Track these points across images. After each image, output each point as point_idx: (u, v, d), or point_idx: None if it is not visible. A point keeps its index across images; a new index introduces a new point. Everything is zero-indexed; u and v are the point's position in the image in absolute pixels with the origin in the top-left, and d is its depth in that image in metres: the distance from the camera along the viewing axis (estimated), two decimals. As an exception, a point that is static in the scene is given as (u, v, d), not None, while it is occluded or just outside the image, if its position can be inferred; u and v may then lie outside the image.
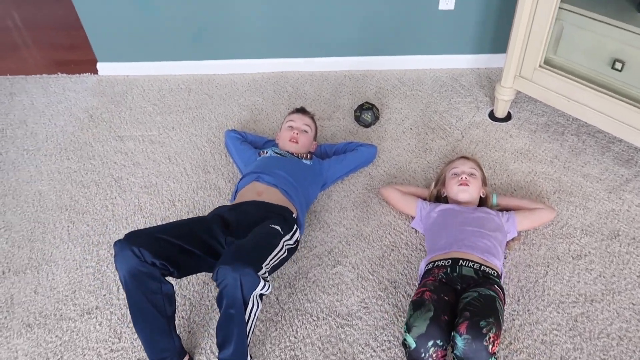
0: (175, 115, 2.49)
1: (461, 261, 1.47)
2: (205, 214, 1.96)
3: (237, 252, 1.34)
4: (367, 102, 2.31)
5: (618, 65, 1.85)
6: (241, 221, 1.60)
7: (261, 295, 1.36)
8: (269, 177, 1.77)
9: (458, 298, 1.38)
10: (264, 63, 2.73)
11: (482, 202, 1.81)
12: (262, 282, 1.31)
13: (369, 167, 2.12)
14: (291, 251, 1.61)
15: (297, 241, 1.65)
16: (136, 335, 1.56)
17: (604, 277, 1.66)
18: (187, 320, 1.63)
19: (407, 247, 1.80)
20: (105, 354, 1.56)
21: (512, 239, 1.76)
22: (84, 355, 1.56)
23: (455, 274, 1.44)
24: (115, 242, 1.38)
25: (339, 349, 1.53)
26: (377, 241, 1.83)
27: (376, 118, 2.31)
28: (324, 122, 2.38)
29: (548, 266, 1.70)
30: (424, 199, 1.89)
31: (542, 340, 1.51)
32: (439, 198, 1.88)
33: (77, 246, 1.89)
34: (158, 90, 2.68)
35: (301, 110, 2.11)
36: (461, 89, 2.52)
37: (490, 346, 1.15)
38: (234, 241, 1.52)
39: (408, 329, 1.24)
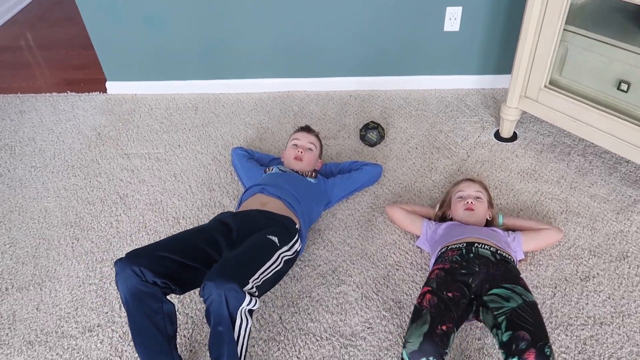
0: (182, 134, 2.51)
1: (477, 243, 1.45)
2: (210, 231, 1.96)
3: (222, 267, 1.33)
4: (372, 122, 2.32)
5: (624, 87, 1.85)
6: (243, 227, 1.60)
7: (250, 311, 1.34)
8: (273, 189, 1.77)
9: (473, 288, 1.35)
10: (270, 83, 2.75)
11: (488, 224, 1.79)
12: (247, 298, 1.29)
13: (374, 186, 2.11)
14: (289, 262, 1.59)
15: (296, 252, 1.64)
16: (137, 354, 1.54)
17: (613, 299, 1.63)
18: (188, 339, 1.61)
19: (412, 267, 1.78)
20: (106, 372, 1.54)
21: (519, 261, 1.73)
22: (84, 373, 1.54)
23: (472, 254, 1.42)
24: (116, 261, 1.37)
25: (343, 371, 1.50)
26: (382, 260, 1.81)
27: (381, 137, 2.32)
28: (329, 140, 2.39)
29: (555, 287, 1.68)
30: (429, 219, 1.88)
31: (550, 363, 1.48)
32: (444, 219, 1.86)
33: (81, 263, 1.89)
34: (165, 109, 2.70)
35: (306, 129, 2.12)
36: (466, 109, 2.52)
37: None
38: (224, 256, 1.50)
39: (404, 344, 1.22)
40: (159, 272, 1.36)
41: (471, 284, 1.37)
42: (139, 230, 2.00)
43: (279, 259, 1.50)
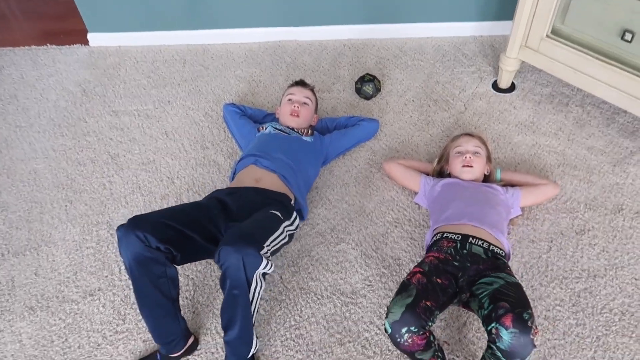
0: (171, 88, 2.43)
1: (471, 238, 1.45)
2: (205, 191, 1.94)
3: (238, 233, 1.32)
4: (368, 74, 2.25)
5: (628, 36, 1.79)
6: (241, 206, 1.57)
7: (264, 274, 1.35)
8: (267, 162, 1.73)
9: (461, 281, 1.37)
10: (260, 32, 2.64)
11: (486, 178, 1.79)
12: (264, 261, 1.30)
13: (370, 142, 2.08)
14: (292, 236, 1.60)
15: (297, 226, 1.64)
16: (140, 317, 1.56)
17: (607, 252, 1.66)
18: (190, 300, 1.63)
19: (410, 224, 1.79)
20: (110, 335, 1.56)
21: (516, 217, 1.75)
22: (89, 337, 1.56)
23: (465, 251, 1.42)
24: (119, 227, 1.35)
25: (344, 327, 1.54)
26: (380, 218, 1.82)
27: (377, 90, 2.26)
28: (324, 94, 2.33)
29: (551, 242, 1.70)
30: (427, 174, 1.87)
31: (545, 316, 1.52)
32: (442, 174, 1.85)
33: (76, 226, 1.87)
34: (152, 62, 2.59)
35: (301, 83, 2.05)
36: (464, 58, 2.45)
37: (535, 338, 1.16)
38: (234, 225, 1.49)
39: (386, 314, 1.24)
40: (162, 238, 1.34)
41: (460, 277, 1.38)
42: (133, 192, 1.97)
43: (284, 232, 1.50)
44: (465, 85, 2.30)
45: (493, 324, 1.18)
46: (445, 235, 1.49)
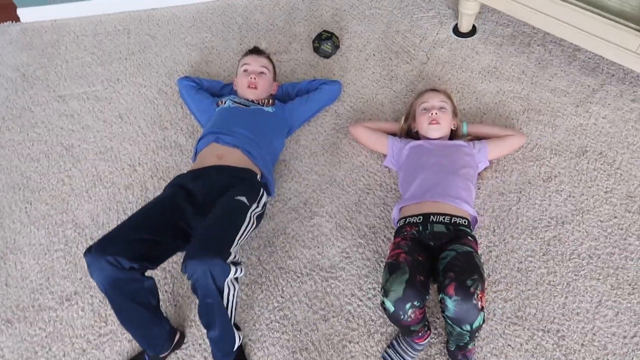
0: (118, 64, 2.28)
1: (432, 217, 1.46)
2: (170, 175, 1.88)
3: (202, 241, 1.29)
4: (325, 31, 2.15)
5: (587, -29, 1.73)
6: (206, 192, 1.52)
7: (236, 279, 1.33)
8: (229, 137, 1.67)
9: (432, 256, 1.39)
10: (205, -9, 2.46)
11: (453, 133, 1.78)
12: (232, 269, 1.27)
13: (334, 105, 2.02)
14: (260, 217, 1.57)
15: (264, 205, 1.61)
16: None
17: (573, 197, 1.70)
18: (171, 294, 1.62)
19: (381, 189, 1.79)
20: (94, 339, 1.55)
21: (484, 169, 1.76)
22: (73, 343, 1.55)
23: (427, 231, 1.44)
24: (86, 252, 1.30)
25: (327, 303, 1.56)
26: (351, 185, 1.80)
27: (336, 47, 2.16)
28: (281, 55, 2.22)
29: (520, 192, 1.73)
30: (395, 134, 1.85)
31: (517, 268, 1.58)
32: (410, 133, 1.83)
33: (40, 229, 1.80)
34: (93, 35, 2.41)
35: (255, 51, 1.95)
36: (422, 1, 2.35)
37: (479, 303, 1.19)
38: (200, 221, 1.44)
39: (385, 293, 1.26)
40: (134, 256, 1.30)
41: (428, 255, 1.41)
42: (94, 185, 1.90)
43: (252, 219, 1.46)
44: (426, 32, 2.23)
45: (441, 295, 1.22)
46: (407, 220, 1.50)
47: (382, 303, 1.27)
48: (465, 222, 1.47)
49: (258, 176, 1.65)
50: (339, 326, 1.52)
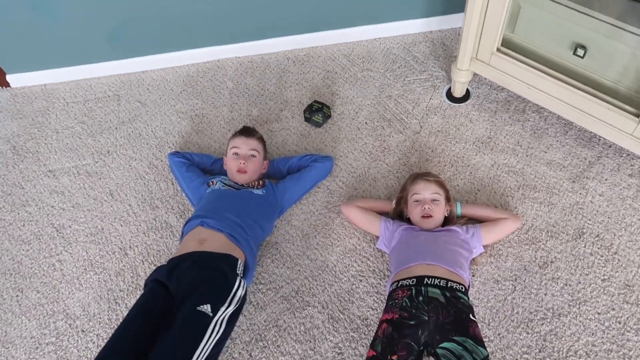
0: (108, 135, 2.26)
1: (426, 279, 1.42)
2: (161, 259, 1.87)
3: None
4: (315, 102, 2.12)
5: (580, 52, 1.70)
6: (180, 289, 1.49)
7: None
8: (214, 221, 1.65)
9: (421, 339, 1.34)
10: (196, 53, 2.43)
11: (446, 220, 1.75)
12: None
13: (327, 181, 1.99)
14: (234, 316, 1.51)
15: (241, 298, 1.54)
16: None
17: (569, 285, 1.67)
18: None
19: (374, 275, 1.76)
20: None
21: (479, 254, 1.73)
22: None
23: (421, 297, 1.39)
24: None
25: (319, 405, 1.54)
26: (344, 272, 1.78)
27: (327, 117, 2.14)
28: (273, 124, 2.19)
29: (516, 280, 1.70)
30: (387, 213, 1.82)
31: (513, 366, 1.55)
32: (402, 216, 1.80)
33: (32, 319, 1.79)
34: (84, 102, 2.39)
35: (244, 132, 1.92)
36: (415, 62, 2.32)
37: None
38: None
39: None
40: None
41: (420, 336, 1.36)
42: (85, 270, 1.88)
43: (218, 325, 1.41)
44: (419, 97, 2.19)
45: None
46: (400, 284, 1.46)
47: None
48: (462, 287, 1.44)
49: (240, 262, 1.60)
50: None
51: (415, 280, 1.45)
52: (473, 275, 1.71)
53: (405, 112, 2.16)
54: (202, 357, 1.34)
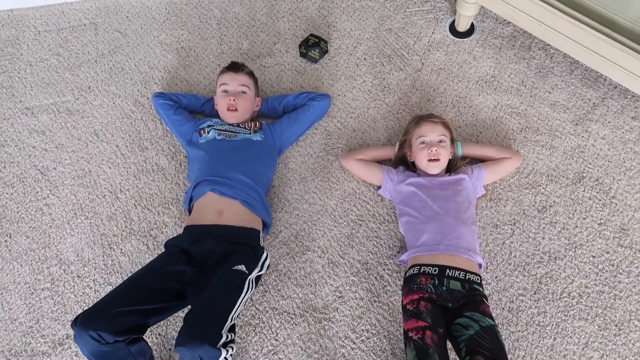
0: (88, 69, 2.10)
1: (448, 270, 1.44)
2: (154, 204, 1.82)
3: (192, 325, 1.29)
4: (312, 35, 1.99)
5: (598, -13, 1.59)
6: (207, 256, 1.50)
7: (232, 354, 1.33)
8: (226, 188, 1.59)
9: (448, 316, 1.40)
10: (178, -23, 2.22)
11: (450, 164, 1.71)
12: (222, 352, 1.27)
13: (324, 121, 1.92)
14: (260, 277, 1.56)
15: (267, 265, 1.58)
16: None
17: (567, 229, 1.69)
18: (164, 337, 1.61)
19: (374, 220, 1.75)
20: (91, 386, 1.56)
21: (479, 197, 1.72)
22: (70, 391, 1.57)
23: (444, 287, 1.43)
24: (72, 322, 1.29)
25: (321, 346, 1.58)
26: (343, 217, 1.76)
27: (324, 52, 2.01)
28: (265, 59, 2.06)
29: (514, 224, 1.71)
30: (389, 160, 1.78)
31: (509, 308, 1.60)
32: (405, 160, 1.76)
33: (24, 265, 1.75)
34: (57, 31, 2.19)
35: (232, 68, 1.80)
36: (417, -9, 2.16)
37: None
38: (197, 287, 1.42)
39: None
40: (119, 330, 1.28)
41: (443, 316, 1.41)
42: (75, 215, 1.82)
43: (250, 284, 1.45)
44: (421, 31, 2.07)
45: None
46: (422, 270, 1.47)
47: None
48: (478, 279, 1.47)
49: (261, 233, 1.61)
50: (333, 371, 1.55)
51: (437, 270, 1.46)
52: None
53: (406, 47, 2.04)
54: (239, 310, 1.39)
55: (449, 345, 1.40)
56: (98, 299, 1.43)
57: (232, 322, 1.36)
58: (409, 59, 2.02)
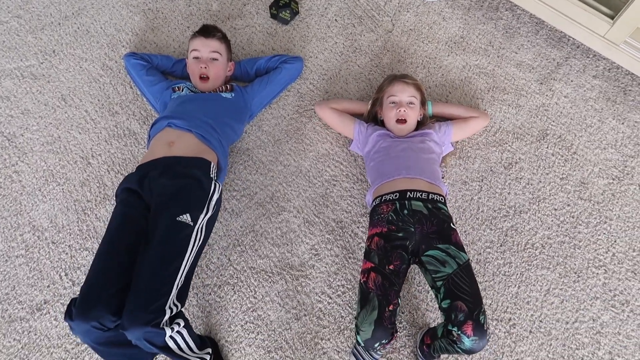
0: (51, 31, 2.03)
1: (409, 193, 1.48)
2: (127, 169, 1.81)
3: (130, 307, 1.24)
4: (282, -5, 1.97)
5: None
6: (155, 198, 1.44)
7: (179, 329, 1.31)
8: (182, 122, 1.58)
9: (410, 248, 1.43)
10: None
11: (419, 125, 1.75)
12: (167, 330, 1.25)
13: (297, 83, 1.92)
14: (211, 221, 1.49)
15: (217, 202, 1.52)
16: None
17: (531, 184, 1.77)
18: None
19: (348, 180, 1.79)
20: (72, 348, 1.59)
21: (448, 154, 1.78)
22: (51, 354, 1.58)
23: (405, 210, 1.46)
24: (66, 317, 1.27)
25: (298, 302, 1.63)
26: (318, 177, 1.79)
27: (295, 13, 2.00)
28: (236, 21, 2.04)
29: (482, 181, 1.78)
30: (361, 114, 1.81)
31: (477, 260, 1.68)
32: (376, 118, 1.79)
33: (-4, 233, 1.73)
34: (15, -8, 2.10)
35: (203, 32, 1.77)
36: (387, -49, 2.15)
37: (489, 337, 1.31)
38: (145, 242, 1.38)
39: (357, 329, 1.33)
40: (115, 310, 1.27)
41: (408, 246, 1.43)
42: (47, 182, 1.79)
43: (199, 233, 1.40)
44: (391, -9, 2.07)
45: (454, 329, 1.30)
46: (383, 198, 1.51)
47: (355, 333, 1.35)
48: (441, 199, 1.52)
49: (213, 164, 1.55)
50: (310, 324, 1.61)
51: (398, 194, 1.49)
52: (443, 177, 1.77)
53: (377, 8, 2.05)
54: (188, 265, 1.36)
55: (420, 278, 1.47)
56: (79, 276, 1.44)
57: (178, 287, 1.31)
58: (380, 20, 2.03)
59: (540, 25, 2.00)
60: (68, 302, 1.32)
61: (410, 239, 1.44)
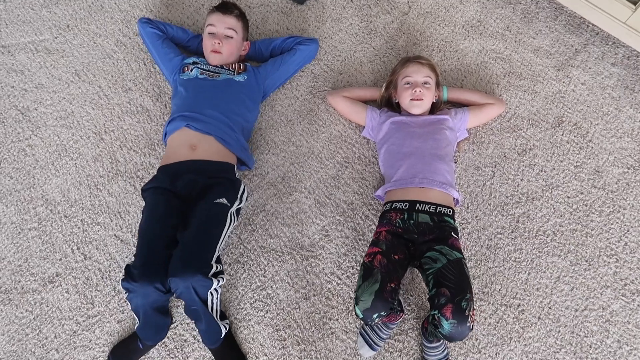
0: (65, 6, 2.02)
1: (418, 204, 1.49)
2: (140, 146, 1.81)
3: (183, 257, 1.34)
4: (298, -25, 1.94)
5: None
6: (189, 190, 1.53)
7: (219, 286, 1.41)
8: (201, 124, 1.59)
9: (415, 248, 1.46)
10: None
11: (434, 107, 1.74)
12: (214, 282, 1.34)
13: (311, 65, 1.91)
14: (239, 210, 1.61)
15: (245, 197, 1.64)
16: (109, 298, 1.61)
17: (545, 171, 1.75)
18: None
19: (360, 162, 1.78)
20: (83, 320, 1.61)
21: (462, 140, 1.76)
22: (62, 325, 1.60)
23: (412, 221, 1.48)
24: (126, 280, 1.34)
25: (307, 282, 1.64)
26: (330, 158, 1.79)
27: (311, -7, 1.98)
28: (251, 0, 2.02)
29: (495, 166, 1.76)
30: (374, 101, 1.80)
31: (487, 245, 1.67)
32: (390, 102, 1.78)
33: (9, 205, 1.74)
34: (30, -34, 2.09)
35: (221, 8, 1.76)
36: None
37: (472, 324, 1.29)
38: (182, 224, 1.47)
39: (356, 300, 1.33)
40: (166, 275, 1.36)
41: (410, 247, 1.46)
42: (60, 156, 1.80)
43: (232, 217, 1.50)
44: (408, -27, 2.04)
45: (435, 312, 1.30)
46: (393, 205, 1.52)
47: (354, 306, 1.35)
48: (449, 211, 1.51)
49: (235, 167, 1.64)
50: (319, 304, 1.62)
51: (408, 204, 1.50)
52: (455, 162, 1.76)
53: (394, -11, 2.02)
54: (223, 242, 1.45)
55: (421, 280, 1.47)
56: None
57: (218, 253, 1.42)
58: (396, 1, 2.00)
59: (559, 10, 1.96)
60: (124, 267, 1.44)
61: (413, 243, 1.47)
